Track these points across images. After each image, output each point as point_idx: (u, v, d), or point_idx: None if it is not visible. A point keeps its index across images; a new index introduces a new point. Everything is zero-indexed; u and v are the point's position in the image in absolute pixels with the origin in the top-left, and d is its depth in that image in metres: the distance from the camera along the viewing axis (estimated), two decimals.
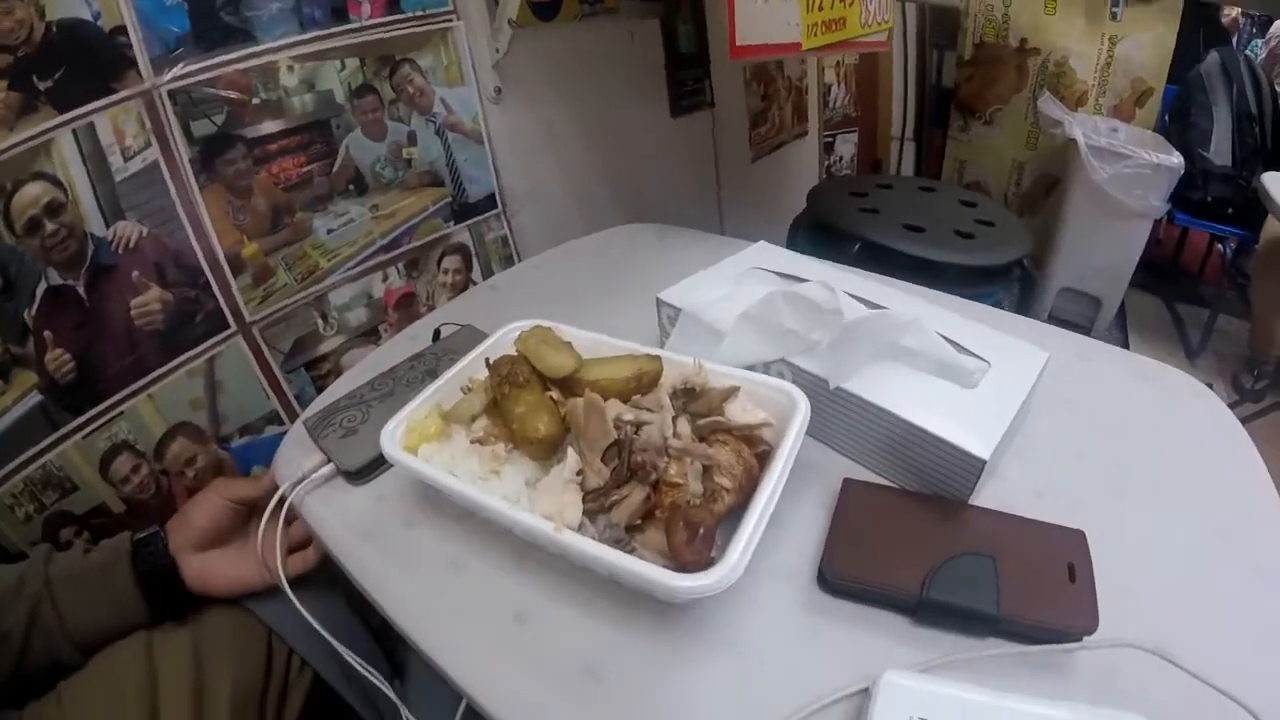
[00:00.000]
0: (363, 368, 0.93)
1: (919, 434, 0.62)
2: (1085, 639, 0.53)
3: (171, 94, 0.98)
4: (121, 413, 0.99)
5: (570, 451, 0.58)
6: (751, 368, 0.69)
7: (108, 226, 0.96)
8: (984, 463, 0.60)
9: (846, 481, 0.65)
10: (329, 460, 0.75)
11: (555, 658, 0.56)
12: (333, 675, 0.77)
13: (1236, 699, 0.47)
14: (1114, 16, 2.65)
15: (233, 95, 1.04)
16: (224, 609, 0.76)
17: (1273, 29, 3.59)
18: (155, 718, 0.67)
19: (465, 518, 0.68)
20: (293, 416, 1.14)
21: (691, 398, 0.63)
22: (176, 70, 0.99)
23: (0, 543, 0.92)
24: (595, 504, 0.56)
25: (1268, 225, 2.39)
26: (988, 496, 0.66)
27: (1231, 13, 3.63)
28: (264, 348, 1.12)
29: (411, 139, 1.24)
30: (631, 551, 0.53)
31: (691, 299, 0.78)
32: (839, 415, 0.68)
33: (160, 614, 0.73)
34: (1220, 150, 2.73)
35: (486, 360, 0.69)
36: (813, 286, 0.67)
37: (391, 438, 0.63)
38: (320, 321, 1.18)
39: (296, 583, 0.72)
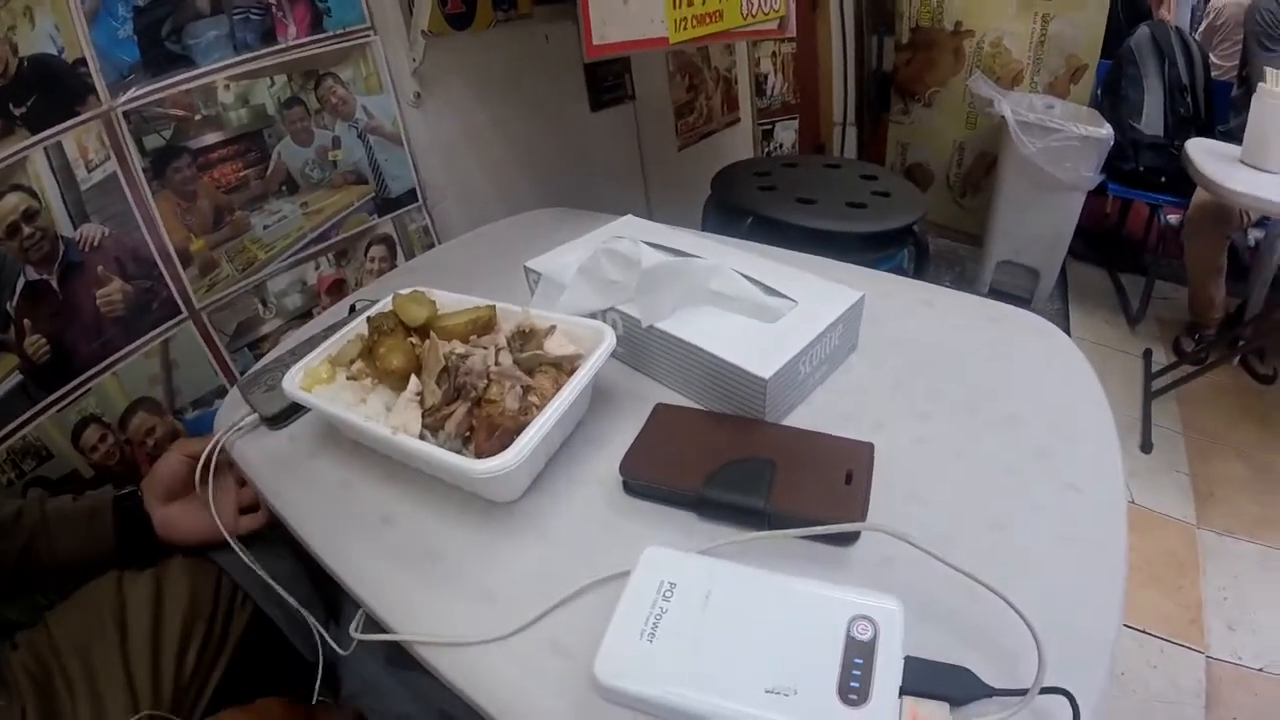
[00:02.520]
0: (290, 341, 1.01)
1: (714, 361, 0.71)
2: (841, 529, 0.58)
3: (126, 114, 1.07)
4: (90, 389, 1.07)
5: (414, 378, 0.69)
6: (593, 316, 0.78)
7: (75, 229, 1.05)
8: (766, 382, 0.67)
9: (658, 405, 0.74)
10: (254, 411, 0.84)
11: (409, 547, 0.66)
12: (273, 611, 0.86)
13: (1003, 596, 0.50)
14: None
15: (178, 113, 1.12)
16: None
17: (1213, 2, 3.56)
18: (124, 637, 0.77)
19: (355, 448, 0.77)
20: None
21: (526, 339, 0.72)
22: (130, 94, 1.07)
23: None
24: (433, 419, 0.66)
25: (1198, 192, 2.41)
26: (796, 419, 0.74)
27: None
28: (211, 330, 1.21)
29: (336, 143, 1.32)
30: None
31: (549, 264, 0.87)
32: (658, 351, 0.77)
33: (130, 557, 0.83)
34: (1151, 121, 2.72)
35: (368, 317, 0.79)
36: (625, 242, 0.76)
37: (292, 380, 0.73)
38: (260, 307, 1.27)
39: (250, 538, 0.82)
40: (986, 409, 0.74)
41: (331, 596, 0.88)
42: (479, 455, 0.61)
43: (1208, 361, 2.42)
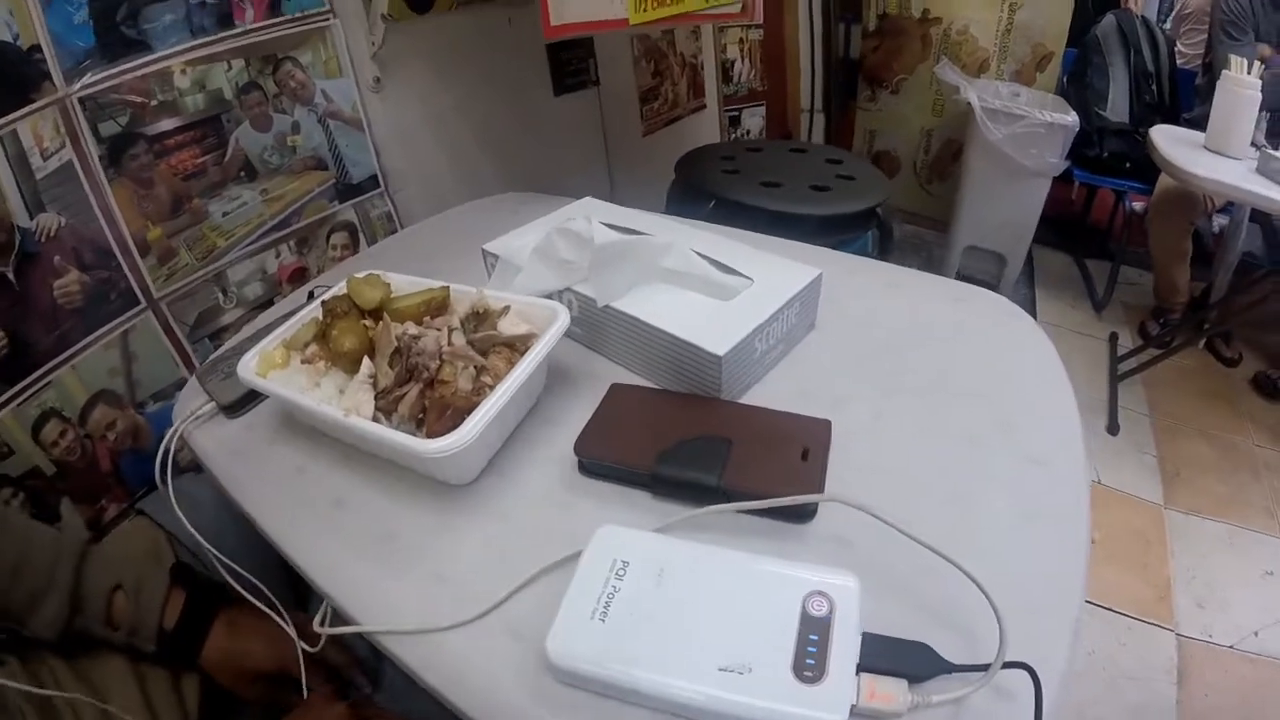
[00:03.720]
0: (249, 329, 1.00)
1: (669, 339, 0.70)
2: (802, 507, 0.58)
3: (82, 100, 1.04)
4: (49, 383, 1.05)
5: (367, 360, 0.67)
6: (550, 297, 0.77)
7: (31, 218, 1.02)
8: (721, 359, 0.67)
9: (613, 385, 0.73)
10: (211, 399, 0.83)
11: (361, 530, 0.65)
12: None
13: (962, 568, 0.50)
14: None
15: (134, 99, 1.10)
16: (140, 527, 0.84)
17: None
18: None
19: (311, 433, 0.76)
20: None
21: (480, 320, 0.71)
22: (85, 80, 1.05)
23: None
24: (385, 401, 0.65)
25: (1162, 178, 2.45)
26: (753, 397, 0.73)
27: None
28: (171, 321, 1.18)
29: (295, 128, 1.30)
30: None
31: (506, 246, 0.86)
32: (614, 331, 0.77)
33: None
34: (1117, 108, 2.77)
35: (321, 301, 0.77)
36: (578, 222, 0.75)
37: (246, 366, 0.72)
38: (220, 296, 1.25)
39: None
40: (950, 387, 0.74)
41: (301, 590, 0.86)
42: (430, 436, 0.60)
43: (1173, 345, 2.47)
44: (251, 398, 0.83)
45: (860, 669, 0.46)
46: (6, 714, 0.68)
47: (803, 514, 0.60)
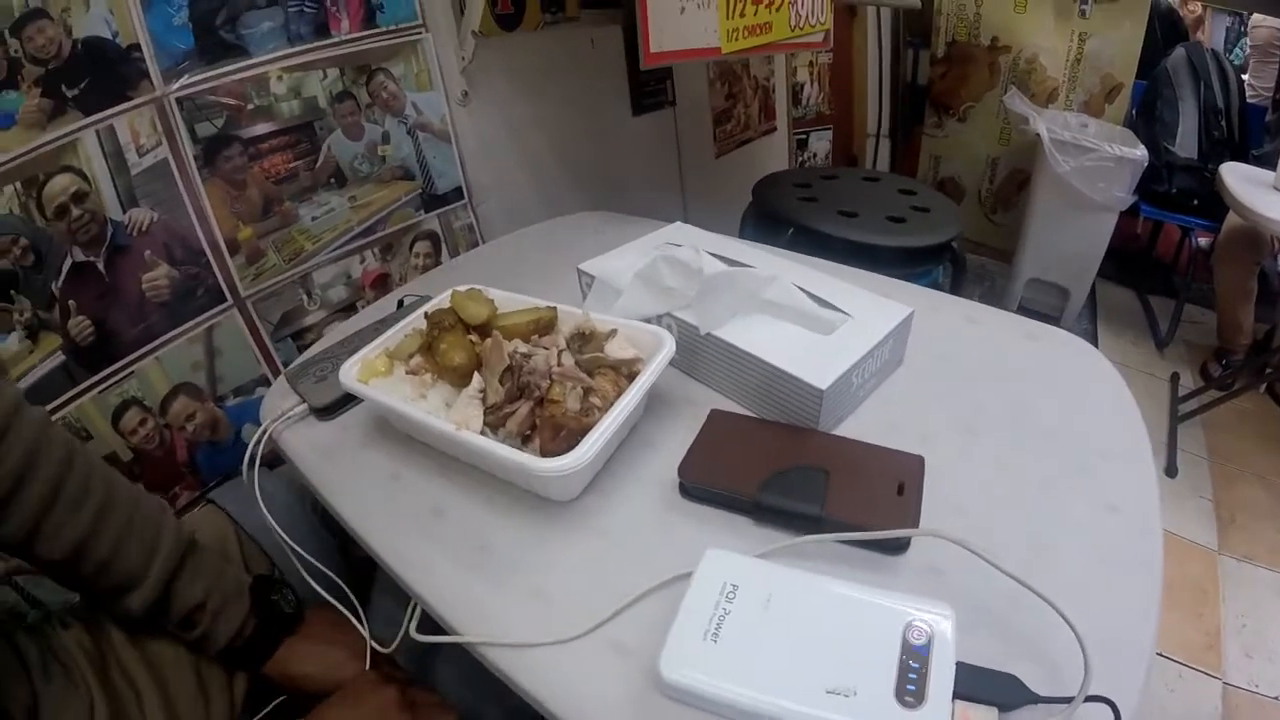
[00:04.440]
0: (336, 333, 1.03)
1: (771, 370, 0.73)
2: (899, 538, 0.61)
3: (179, 101, 1.10)
4: (132, 373, 1.10)
5: (477, 376, 0.71)
6: (648, 321, 0.80)
7: (124, 212, 1.07)
8: (823, 392, 0.69)
9: (713, 411, 0.75)
10: (303, 401, 0.86)
11: (459, 539, 0.68)
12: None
13: (1052, 603, 0.52)
14: (1083, 14, 2.67)
15: (231, 101, 1.15)
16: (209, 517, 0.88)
17: (1251, 22, 3.58)
18: None
19: (406, 440, 0.79)
20: None
21: (585, 340, 0.74)
22: (183, 80, 1.10)
23: None
24: (494, 416, 0.68)
25: (1229, 216, 2.42)
26: (846, 429, 0.76)
27: (1195, 10, 3.64)
28: (256, 319, 1.23)
29: (385, 138, 1.35)
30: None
31: (603, 267, 0.89)
32: (713, 358, 0.79)
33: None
34: (1185, 143, 2.73)
35: (425, 313, 0.80)
36: (685, 250, 0.78)
37: (348, 372, 0.75)
38: (305, 297, 1.30)
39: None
40: (1028, 425, 0.76)
41: (361, 586, 0.89)
42: (543, 454, 0.63)
43: (1234, 387, 2.43)
44: (344, 402, 0.86)
45: (955, 696, 0.48)
46: (70, 678, 0.69)
47: (898, 546, 0.62)
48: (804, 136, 2.75)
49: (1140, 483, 0.69)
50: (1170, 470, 2.27)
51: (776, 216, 1.56)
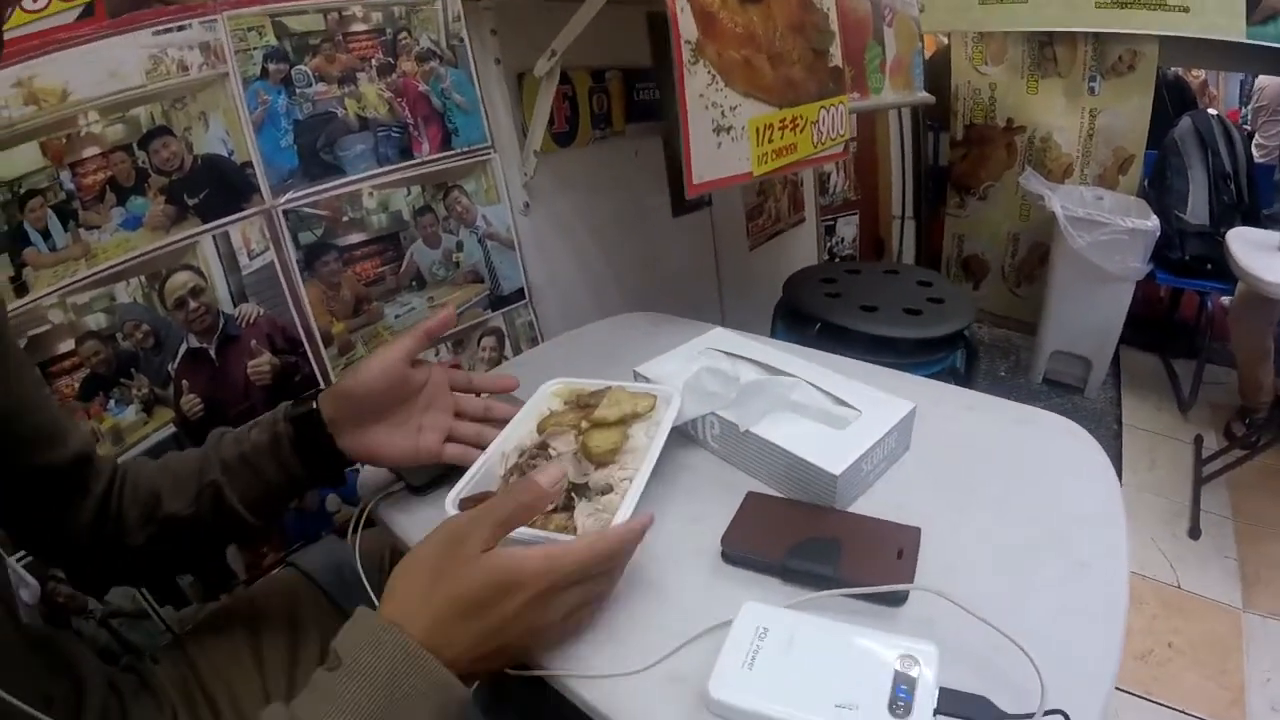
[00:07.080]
0: None
1: (795, 459, 0.94)
2: (896, 593, 0.79)
3: (285, 212, 1.33)
4: None
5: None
6: (695, 419, 1.03)
7: (235, 306, 1.28)
8: (837, 477, 0.90)
9: (749, 494, 0.97)
10: (400, 480, 1.03)
11: None
12: None
13: (1018, 643, 0.67)
14: (1092, 91, 2.87)
15: (329, 214, 1.38)
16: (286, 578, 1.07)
17: (1258, 82, 3.73)
18: (261, 666, 0.96)
19: None
20: None
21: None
22: (289, 195, 1.33)
23: None
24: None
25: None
26: (859, 506, 0.95)
27: (1200, 75, 3.82)
28: None
29: (459, 246, 1.60)
30: None
31: (658, 372, 1.11)
32: (748, 450, 1.00)
33: (317, 475, 0.93)
34: (1197, 210, 2.89)
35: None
36: (723, 359, 1.01)
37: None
38: None
39: None
40: (1013, 498, 0.95)
41: None
42: None
43: (1258, 444, 2.50)
44: (439, 482, 1.02)
45: (936, 712, 0.66)
46: (159, 702, 0.86)
47: (897, 599, 0.81)
48: (831, 223, 2.92)
49: (1110, 542, 0.86)
50: (1194, 532, 2.37)
51: (804, 313, 1.78)
